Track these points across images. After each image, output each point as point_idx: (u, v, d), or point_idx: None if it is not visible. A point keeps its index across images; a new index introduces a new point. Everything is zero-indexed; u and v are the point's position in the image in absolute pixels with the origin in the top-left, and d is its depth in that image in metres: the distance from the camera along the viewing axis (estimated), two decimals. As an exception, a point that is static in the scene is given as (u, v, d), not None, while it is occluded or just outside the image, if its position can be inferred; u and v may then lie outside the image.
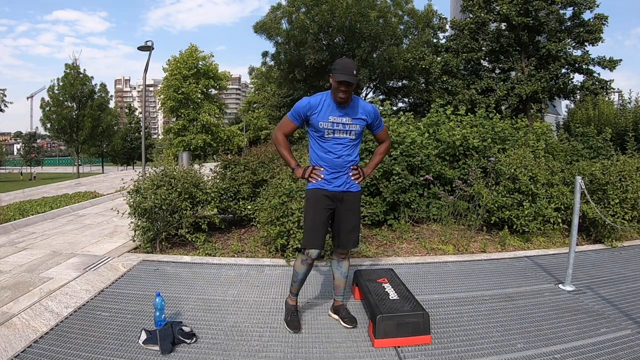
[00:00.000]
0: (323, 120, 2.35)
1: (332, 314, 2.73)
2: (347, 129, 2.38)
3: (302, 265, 2.52)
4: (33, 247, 4.44)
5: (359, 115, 2.41)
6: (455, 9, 29.20)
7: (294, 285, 2.60)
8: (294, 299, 2.65)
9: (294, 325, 2.54)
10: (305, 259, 2.48)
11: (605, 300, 2.98)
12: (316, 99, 2.38)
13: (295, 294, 2.64)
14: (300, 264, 2.52)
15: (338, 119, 2.36)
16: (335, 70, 2.28)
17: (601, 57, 13.35)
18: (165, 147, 31.18)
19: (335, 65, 2.31)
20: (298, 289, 2.62)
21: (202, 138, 28.86)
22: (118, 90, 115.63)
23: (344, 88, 2.27)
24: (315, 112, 2.35)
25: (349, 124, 2.38)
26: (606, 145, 6.39)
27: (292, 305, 2.63)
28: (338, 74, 2.25)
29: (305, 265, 2.51)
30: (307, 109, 2.36)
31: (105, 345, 2.32)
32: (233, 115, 53.52)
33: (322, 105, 2.35)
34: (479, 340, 2.40)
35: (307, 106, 2.36)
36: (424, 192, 5.03)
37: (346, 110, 2.37)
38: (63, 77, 28.76)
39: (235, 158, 5.33)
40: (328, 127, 2.35)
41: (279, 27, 17.83)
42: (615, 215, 4.41)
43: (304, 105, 2.37)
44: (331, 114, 2.35)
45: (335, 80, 2.27)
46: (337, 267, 2.67)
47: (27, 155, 52.00)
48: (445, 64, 14.24)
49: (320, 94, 2.41)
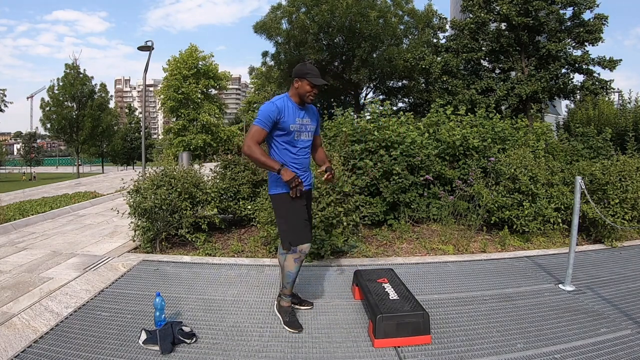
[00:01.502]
0: (292, 122, 2.43)
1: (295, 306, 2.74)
2: (308, 130, 2.54)
3: (296, 264, 2.52)
4: (33, 247, 4.44)
5: (314, 116, 2.60)
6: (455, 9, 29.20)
7: (287, 287, 2.59)
8: (288, 301, 2.63)
9: (296, 325, 2.54)
10: (298, 257, 2.51)
11: (605, 300, 2.98)
12: (281, 102, 2.43)
13: (290, 295, 2.63)
14: (293, 263, 2.52)
15: (302, 120, 2.49)
16: (309, 74, 2.41)
17: (601, 57, 13.35)
18: (165, 147, 31.19)
19: (307, 70, 2.43)
20: (292, 289, 2.62)
21: (202, 138, 28.88)
22: (118, 90, 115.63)
23: (316, 91, 2.43)
24: (283, 115, 2.40)
25: (309, 124, 2.54)
26: (606, 145, 6.40)
27: (288, 307, 2.62)
28: (315, 79, 2.41)
29: (298, 263, 2.53)
30: (277, 113, 2.38)
31: (105, 345, 2.32)
32: (233, 115, 53.55)
33: (288, 108, 2.43)
34: (479, 340, 2.41)
35: (276, 110, 2.38)
36: (424, 192, 5.03)
37: (305, 111, 2.53)
38: (63, 77, 28.77)
39: (235, 158, 5.32)
40: (296, 128, 2.45)
41: (279, 27, 17.85)
42: (615, 215, 4.41)
43: (273, 110, 2.37)
44: (297, 116, 2.46)
45: (312, 84, 2.41)
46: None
47: (27, 155, 52.01)
48: (445, 64, 14.23)
49: (279, 97, 2.47)
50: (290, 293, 2.62)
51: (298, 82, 2.43)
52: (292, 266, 2.53)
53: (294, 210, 2.46)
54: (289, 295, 2.62)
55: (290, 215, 2.47)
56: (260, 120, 2.36)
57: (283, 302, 2.63)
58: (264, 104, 2.43)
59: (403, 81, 20.60)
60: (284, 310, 2.61)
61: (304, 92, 2.43)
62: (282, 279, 2.61)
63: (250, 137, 2.35)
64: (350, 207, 4.04)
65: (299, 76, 2.43)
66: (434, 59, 14.74)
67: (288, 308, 2.62)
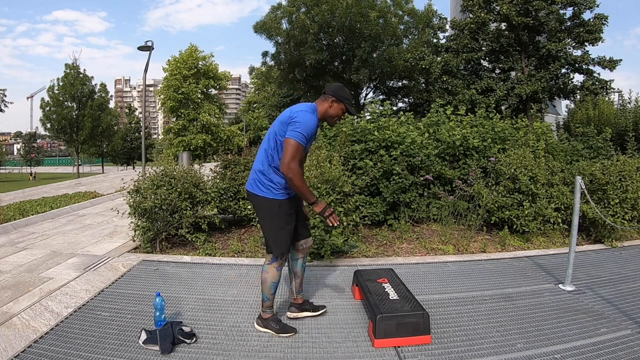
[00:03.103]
0: (313, 139, 2.41)
1: (299, 314, 2.65)
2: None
3: (278, 272, 2.44)
4: (33, 247, 4.43)
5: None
6: (455, 9, 29.17)
7: (270, 300, 2.46)
8: (269, 313, 2.50)
9: (288, 328, 2.48)
10: (279, 265, 2.44)
11: (605, 300, 2.98)
12: (316, 117, 2.33)
13: (272, 306, 2.51)
14: (276, 272, 2.43)
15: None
16: (348, 102, 2.36)
17: (601, 57, 13.35)
18: (165, 147, 31.18)
19: (347, 96, 2.37)
20: (273, 299, 2.50)
21: (202, 138, 28.89)
22: (118, 90, 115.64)
23: (343, 118, 2.29)
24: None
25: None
26: (606, 145, 6.39)
27: (272, 315, 2.51)
28: (351, 108, 2.37)
29: (280, 271, 2.46)
30: (317, 128, 2.33)
31: (105, 345, 2.32)
32: (233, 115, 53.53)
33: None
34: (479, 340, 2.40)
35: (316, 125, 2.31)
36: (424, 192, 5.03)
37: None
38: (63, 77, 28.74)
39: (235, 158, 5.32)
40: (309, 145, 2.37)
41: (279, 27, 17.84)
42: (615, 215, 4.41)
43: (316, 125, 2.30)
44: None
45: (346, 111, 2.36)
46: (302, 264, 2.66)
47: (27, 155, 51.98)
48: (445, 64, 14.23)
49: (313, 111, 2.33)
50: (272, 304, 2.51)
51: (334, 103, 2.34)
52: (275, 276, 2.44)
53: (287, 219, 2.37)
54: (271, 307, 2.51)
55: (282, 223, 2.36)
56: (303, 136, 2.19)
57: (265, 315, 2.50)
58: (301, 113, 2.25)
59: (403, 81, 20.59)
60: (270, 321, 2.49)
61: (334, 114, 2.36)
62: (264, 293, 2.46)
63: (292, 156, 2.16)
64: (350, 207, 4.04)
65: (338, 98, 2.34)
66: (434, 59, 14.74)
67: (272, 316, 2.51)
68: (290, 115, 2.27)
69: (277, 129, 2.31)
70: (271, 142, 2.33)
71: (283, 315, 2.69)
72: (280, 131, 2.28)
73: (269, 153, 2.33)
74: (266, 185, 2.33)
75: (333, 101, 2.34)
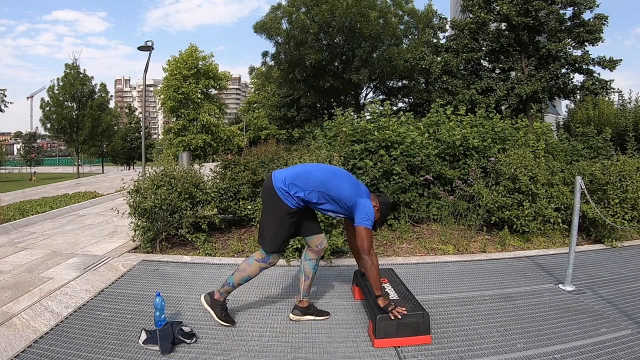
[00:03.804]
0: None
1: (302, 317, 2.66)
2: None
3: (259, 271, 2.58)
4: (33, 247, 4.44)
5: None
6: (455, 9, 29.18)
7: (232, 288, 2.57)
8: (224, 297, 2.59)
9: (229, 319, 2.56)
10: (266, 267, 2.57)
11: (605, 300, 2.98)
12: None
13: (229, 293, 2.61)
14: (258, 270, 2.57)
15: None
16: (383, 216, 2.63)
17: (601, 57, 13.35)
18: (165, 147, 31.20)
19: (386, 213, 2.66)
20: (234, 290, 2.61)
21: (202, 138, 28.92)
22: (118, 90, 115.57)
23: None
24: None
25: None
26: (606, 145, 6.39)
27: (223, 301, 2.59)
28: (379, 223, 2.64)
29: (260, 272, 2.59)
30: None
31: (105, 345, 2.32)
32: (233, 115, 53.48)
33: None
34: (479, 340, 2.41)
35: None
36: (424, 192, 5.03)
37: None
38: (63, 77, 28.71)
39: (235, 158, 5.32)
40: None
41: (279, 27, 17.83)
42: (615, 215, 4.41)
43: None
44: None
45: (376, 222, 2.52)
46: (315, 266, 2.67)
47: (27, 155, 51.94)
48: (445, 64, 14.23)
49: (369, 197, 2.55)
50: (230, 291, 2.60)
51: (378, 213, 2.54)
52: (255, 272, 2.57)
53: (287, 223, 2.48)
54: (228, 292, 2.60)
55: (285, 226, 2.48)
56: (370, 222, 2.41)
57: (218, 296, 2.57)
58: (367, 202, 2.45)
59: (403, 81, 20.59)
60: (219, 304, 2.56)
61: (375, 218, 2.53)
62: (233, 278, 2.55)
63: (369, 243, 2.40)
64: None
65: (383, 211, 2.60)
66: (434, 59, 14.74)
67: (222, 302, 2.58)
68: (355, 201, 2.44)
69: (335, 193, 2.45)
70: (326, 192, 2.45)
71: (283, 315, 2.69)
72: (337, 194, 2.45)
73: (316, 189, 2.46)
74: (282, 189, 2.44)
75: (377, 209, 2.53)
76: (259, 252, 2.57)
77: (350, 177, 2.58)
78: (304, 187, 2.43)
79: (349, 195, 2.44)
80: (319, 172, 2.50)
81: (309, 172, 2.51)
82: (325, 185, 2.43)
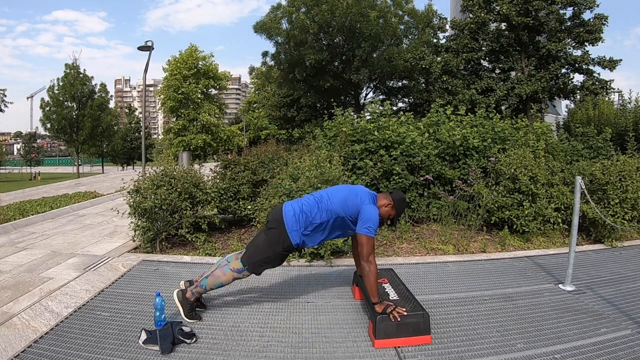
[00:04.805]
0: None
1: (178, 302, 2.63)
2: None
3: (232, 281, 2.63)
4: (33, 247, 4.44)
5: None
6: (455, 9, 29.17)
7: (204, 292, 2.63)
8: (195, 297, 2.64)
9: (195, 316, 2.61)
10: (240, 277, 2.62)
11: (605, 300, 2.98)
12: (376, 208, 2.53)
13: (201, 294, 2.68)
14: (231, 279, 2.61)
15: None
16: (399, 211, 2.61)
17: (601, 57, 13.33)
18: (165, 147, 31.16)
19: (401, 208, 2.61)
20: (205, 293, 2.68)
21: (202, 138, 28.86)
22: (118, 90, 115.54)
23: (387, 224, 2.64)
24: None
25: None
26: (606, 145, 6.39)
27: (194, 301, 2.64)
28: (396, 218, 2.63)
29: (232, 281, 2.63)
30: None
31: (105, 345, 2.32)
32: (233, 115, 53.46)
33: None
34: (479, 340, 2.41)
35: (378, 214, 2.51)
36: (424, 192, 5.03)
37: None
38: (63, 77, 28.69)
39: (235, 158, 5.32)
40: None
41: (279, 27, 17.81)
42: (615, 215, 4.41)
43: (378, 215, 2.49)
44: None
45: (392, 218, 2.59)
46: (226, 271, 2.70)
47: (27, 155, 51.92)
48: (445, 64, 14.21)
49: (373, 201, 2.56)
50: (203, 293, 2.67)
51: (393, 210, 2.57)
52: (228, 281, 2.63)
53: (278, 255, 2.57)
54: (200, 294, 2.66)
55: (271, 254, 2.54)
56: (375, 230, 2.44)
57: (190, 295, 2.61)
58: (369, 208, 2.46)
59: (403, 81, 20.57)
60: (188, 303, 2.60)
61: (387, 215, 2.58)
62: (207, 283, 2.59)
63: (371, 251, 2.43)
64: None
65: (398, 207, 2.58)
66: (434, 59, 14.73)
67: (193, 301, 2.63)
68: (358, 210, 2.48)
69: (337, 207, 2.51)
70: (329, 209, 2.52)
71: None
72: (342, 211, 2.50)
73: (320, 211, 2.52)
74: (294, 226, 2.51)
75: (393, 207, 2.57)
76: (236, 262, 2.59)
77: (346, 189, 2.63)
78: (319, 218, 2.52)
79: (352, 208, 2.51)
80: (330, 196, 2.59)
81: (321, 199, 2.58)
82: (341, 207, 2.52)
